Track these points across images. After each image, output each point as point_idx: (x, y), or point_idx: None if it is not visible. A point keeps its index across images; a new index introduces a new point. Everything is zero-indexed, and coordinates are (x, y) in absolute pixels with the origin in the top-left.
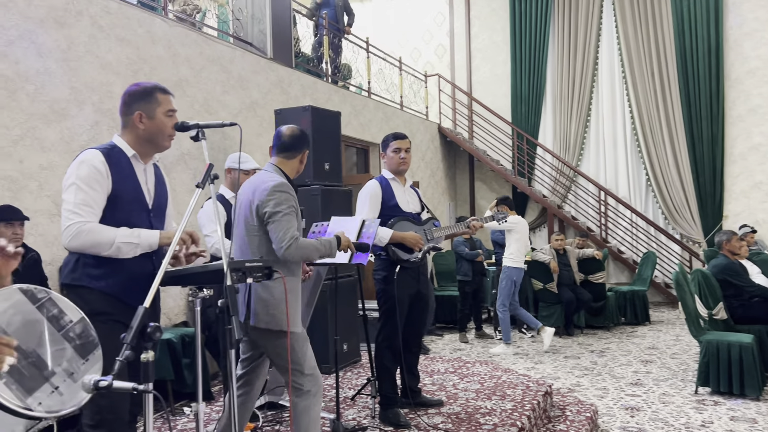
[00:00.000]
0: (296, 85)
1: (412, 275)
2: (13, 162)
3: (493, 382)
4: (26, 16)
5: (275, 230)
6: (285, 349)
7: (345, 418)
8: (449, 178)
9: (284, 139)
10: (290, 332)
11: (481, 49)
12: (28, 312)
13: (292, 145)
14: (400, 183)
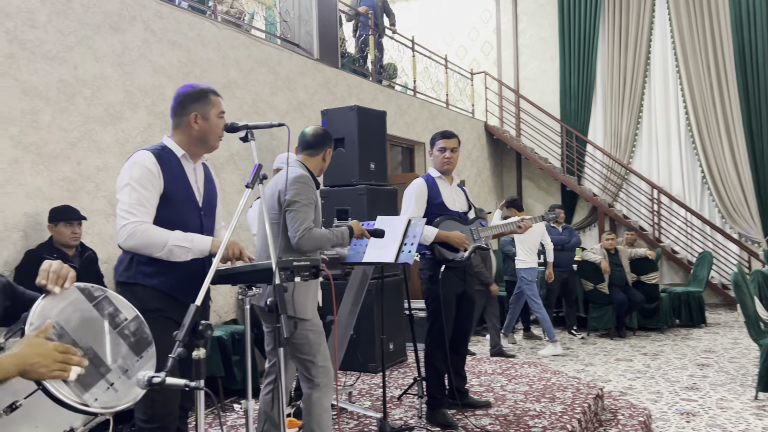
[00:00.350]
0: (342, 85)
1: (458, 275)
2: (71, 164)
3: (542, 384)
4: (83, 22)
5: (292, 219)
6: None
7: (392, 417)
8: (496, 176)
9: (308, 138)
10: (302, 319)
11: (528, 46)
12: (85, 310)
13: (315, 144)
14: (447, 182)
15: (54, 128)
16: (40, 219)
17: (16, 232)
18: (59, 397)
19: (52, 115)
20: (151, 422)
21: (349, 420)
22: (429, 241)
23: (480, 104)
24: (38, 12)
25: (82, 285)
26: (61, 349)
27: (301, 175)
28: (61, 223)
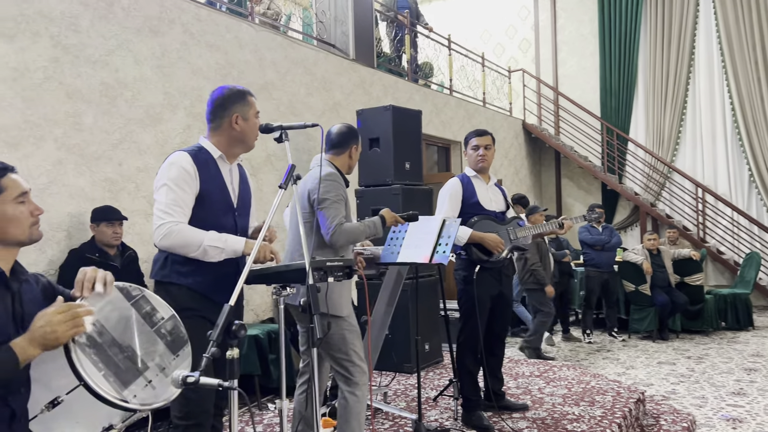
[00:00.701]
0: (378, 85)
1: (493, 275)
2: (113, 165)
3: (581, 387)
4: (124, 26)
5: (323, 216)
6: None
7: (427, 419)
8: (534, 175)
9: (332, 137)
10: (339, 317)
11: (567, 42)
12: (123, 309)
13: (340, 142)
14: (483, 180)
15: (96, 130)
16: (83, 219)
17: (60, 232)
18: (99, 392)
19: (94, 117)
20: (186, 419)
21: (384, 420)
22: (463, 241)
23: (518, 102)
24: (81, 17)
25: (120, 284)
26: (62, 309)
27: (329, 173)
28: (103, 223)
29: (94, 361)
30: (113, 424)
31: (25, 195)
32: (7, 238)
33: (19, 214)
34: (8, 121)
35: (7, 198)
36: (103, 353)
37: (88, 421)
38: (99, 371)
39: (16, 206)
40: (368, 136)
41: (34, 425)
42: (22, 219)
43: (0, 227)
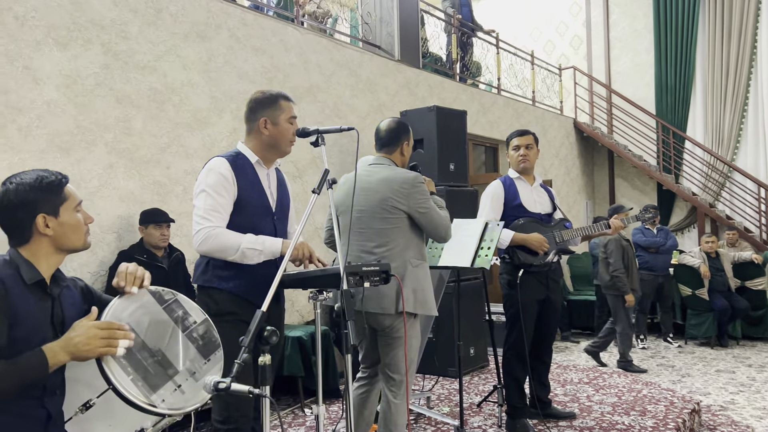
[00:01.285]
0: (423, 85)
1: (539, 279)
2: (161, 168)
3: (632, 395)
4: (172, 32)
5: (436, 222)
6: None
7: (470, 425)
8: (586, 175)
9: (382, 134)
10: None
11: (620, 38)
12: (155, 312)
13: (391, 139)
14: (527, 182)
15: (145, 134)
16: (132, 221)
17: (110, 234)
18: (127, 396)
19: (144, 122)
20: (225, 423)
21: (427, 426)
22: (505, 244)
23: (569, 101)
24: (130, 24)
25: (153, 288)
26: (102, 325)
27: (415, 176)
28: (151, 225)
29: (123, 366)
30: (144, 427)
31: (80, 204)
32: (67, 245)
33: (79, 222)
34: (61, 126)
35: (69, 206)
36: (132, 357)
37: (121, 424)
38: (128, 375)
39: (75, 215)
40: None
41: (69, 426)
42: (80, 227)
43: (63, 234)
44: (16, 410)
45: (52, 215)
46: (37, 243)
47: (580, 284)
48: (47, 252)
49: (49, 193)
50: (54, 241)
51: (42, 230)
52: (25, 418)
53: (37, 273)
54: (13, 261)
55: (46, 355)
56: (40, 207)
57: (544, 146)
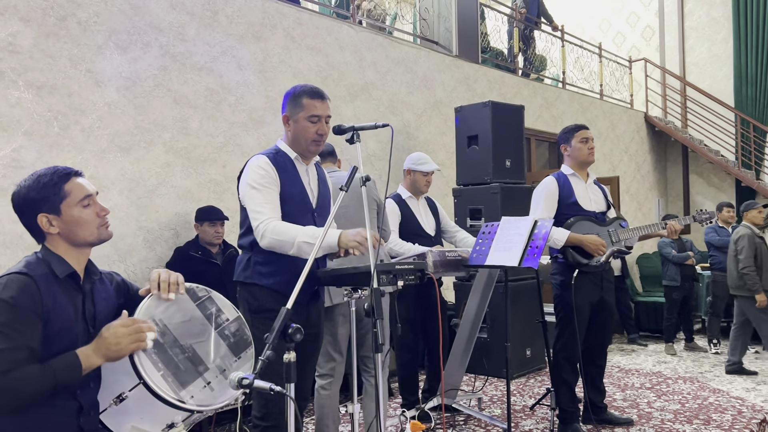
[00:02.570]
0: (482, 80)
1: (593, 280)
2: (217, 167)
3: (696, 403)
4: (228, 33)
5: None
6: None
7: (522, 428)
8: (658, 171)
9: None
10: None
11: (696, 28)
12: (188, 309)
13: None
14: (582, 179)
15: (202, 134)
16: (189, 218)
17: (168, 231)
18: (157, 391)
19: (200, 122)
20: (265, 420)
21: (476, 427)
22: (560, 244)
23: (639, 94)
24: (187, 26)
25: (187, 285)
26: (127, 323)
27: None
28: (206, 222)
29: (155, 361)
30: (175, 422)
31: (89, 198)
32: (77, 240)
33: (85, 217)
34: (121, 127)
35: (72, 202)
36: (164, 353)
37: (153, 417)
38: (158, 371)
39: (81, 209)
40: (466, 134)
41: (104, 417)
42: (89, 221)
43: (69, 230)
44: (49, 401)
45: (53, 214)
46: (53, 240)
47: (649, 285)
48: (65, 248)
49: (46, 193)
50: (64, 237)
51: (47, 229)
52: (57, 409)
53: (68, 266)
54: (45, 258)
55: (80, 358)
56: (40, 207)
57: (613, 141)
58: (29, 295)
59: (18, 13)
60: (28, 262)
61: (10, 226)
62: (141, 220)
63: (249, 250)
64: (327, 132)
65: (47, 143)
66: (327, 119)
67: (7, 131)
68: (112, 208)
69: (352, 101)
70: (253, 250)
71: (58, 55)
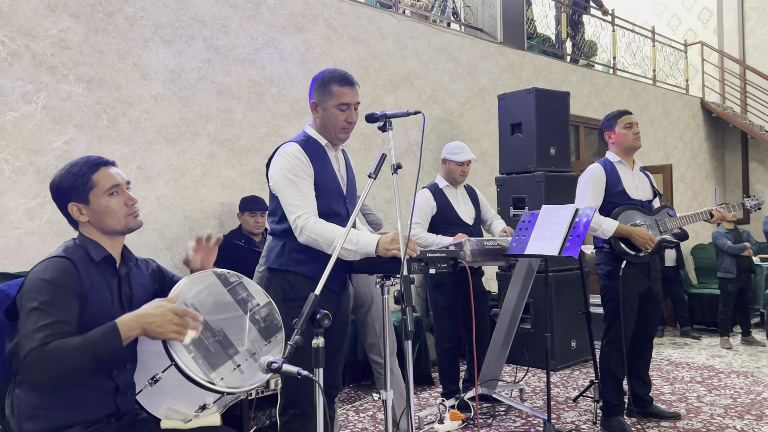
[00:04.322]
0: (528, 67)
1: (641, 270)
2: (260, 157)
3: (749, 398)
4: (270, 24)
5: None
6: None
7: (563, 420)
8: (716, 159)
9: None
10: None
11: (757, 9)
12: (219, 294)
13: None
14: (628, 166)
15: (245, 125)
16: (233, 207)
17: (213, 219)
18: (188, 372)
19: (243, 113)
20: (293, 407)
21: (517, 418)
22: (608, 234)
23: (695, 79)
24: (230, 19)
25: (219, 270)
26: (179, 311)
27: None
28: (247, 212)
29: (186, 344)
30: (207, 404)
31: (117, 187)
32: (106, 228)
33: (112, 206)
34: (167, 118)
35: (99, 192)
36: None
37: (186, 399)
38: (189, 353)
39: (108, 199)
40: (510, 122)
41: (141, 398)
42: (116, 210)
43: (97, 218)
44: (85, 382)
45: (83, 203)
46: (86, 228)
47: (704, 277)
48: (98, 235)
49: (76, 182)
50: (94, 225)
51: (77, 217)
52: (94, 389)
53: (103, 250)
54: (81, 243)
55: (120, 328)
56: (70, 196)
57: (667, 128)
58: (69, 275)
59: (68, 10)
60: (67, 247)
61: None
62: (187, 209)
63: (283, 237)
64: (356, 119)
65: (96, 135)
66: (356, 106)
67: (59, 124)
68: (158, 198)
69: (393, 90)
70: (287, 237)
71: (106, 49)
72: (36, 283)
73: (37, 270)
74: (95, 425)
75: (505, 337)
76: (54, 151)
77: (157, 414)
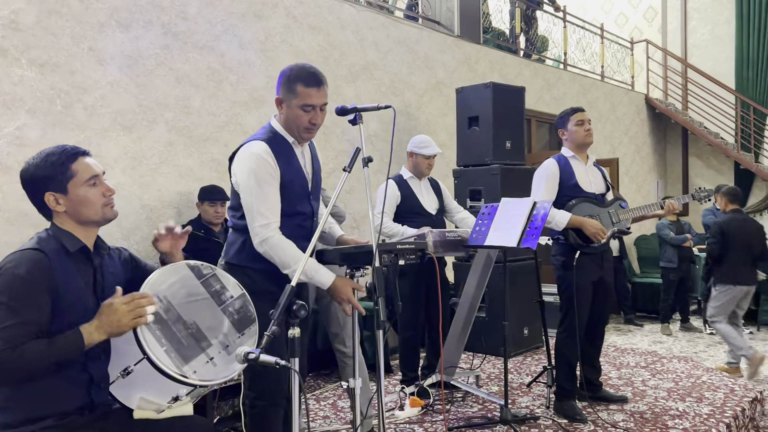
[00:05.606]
0: (483, 61)
1: (594, 260)
2: (219, 146)
3: (690, 381)
4: (229, 11)
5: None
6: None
7: (517, 405)
8: (658, 153)
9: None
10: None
11: (699, 9)
12: (192, 286)
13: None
14: (582, 161)
15: (203, 113)
16: (191, 197)
17: (170, 209)
18: (160, 366)
19: (202, 101)
20: (261, 399)
21: (474, 404)
22: (561, 226)
23: (641, 76)
24: (189, 4)
25: (192, 262)
26: (126, 300)
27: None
28: (207, 202)
29: (158, 337)
30: (180, 395)
31: (96, 178)
32: (83, 218)
33: (91, 196)
34: (124, 105)
35: (78, 182)
36: (167, 329)
37: (159, 390)
38: (161, 346)
39: (87, 189)
40: (467, 115)
41: (113, 389)
42: (94, 200)
43: (75, 209)
44: (59, 373)
45: (60, 192)
46: (60, 218)
47: (646, 266)
48: (72, 225)
49: (54, 172)
50: (70, 215)
51: (53, 207)
52: (68, 380)
53: (78, 241)
54: (55, 234)
55: (83, 335)
56: (47, 185)
57: (614, 123)
58: (41, 270)
59: None
60: (40, 239)
61: (14, 203)
62: (144, 198)
63: (245, 233)
64: (322, 120)
65: (50, 121)
66: (322, 107)
67: (10, 109)
68: (115, 187)
69: (353, 81)
70: (248, 233)
71: (60, 32)
72: (6, 278)
73: (7, 263)
74: (68, 417)
75: (464, 325)
76: (5, 137)
77: (129, 404)
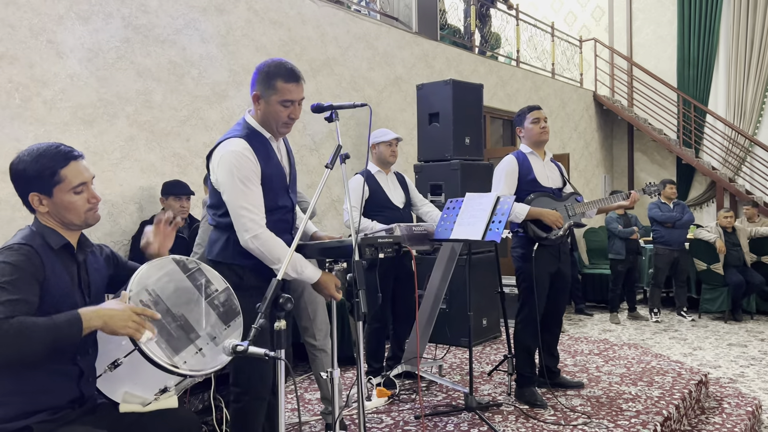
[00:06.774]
0: (441, 58)
1: (552, 252)
2: (181, 141)
3: (640, 367)
4: (191, 5)
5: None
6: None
7: (480, 393)
8: (605, 149)
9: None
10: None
11: (643, 9)
12: (179, 280)
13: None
14: (539, 157)
15: (165, 107)
16: (153, 192)
17: (132, 204)
18: (152, 357)
19: (163, 95)
20: (246, 393)
21: (438, 392)
22: (521, 218)
23: (589, 73)
24: None
25: (178, 257)
26: (138, 311)
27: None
28: (171, 197)
29: (149, 328)
30: (168, 386)
31: (83, 185)
32: (64, 221)
33: (75, 202)
34: (84, 99)
35: (65, 188)
36: (157, 321)
37: (147, 382)
38: (152, 338)
39: (72, 195)
40: (428, 111)
41: (99, 383)
42: (78, 207)
43: (57, 212)
44: (50, 367)
45: (45, 195)
46: (43, 216)
47: (595, 258)
48: (55, 224)
49: (42, 174)
50: (53, 216)
51: (36, 207)
52: (59, 374)
53: (62, 238)
54: (39, 231)
55: (82, 318)
56: (33, 186)
57: (563, 119)
58: (31, 261)
59: None
60: (24, 235)
61: None
62: (105, 193)
63: (228, 230)
64: (299, 114)
65: (8, 115)
66: (300, 102)
67: None
68: None
69: (314, 76)
70: (232, 231)
71: (18, 24)
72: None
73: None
74: (61, 411)
75: (429, 317)
76: None
77: (114, 398)
